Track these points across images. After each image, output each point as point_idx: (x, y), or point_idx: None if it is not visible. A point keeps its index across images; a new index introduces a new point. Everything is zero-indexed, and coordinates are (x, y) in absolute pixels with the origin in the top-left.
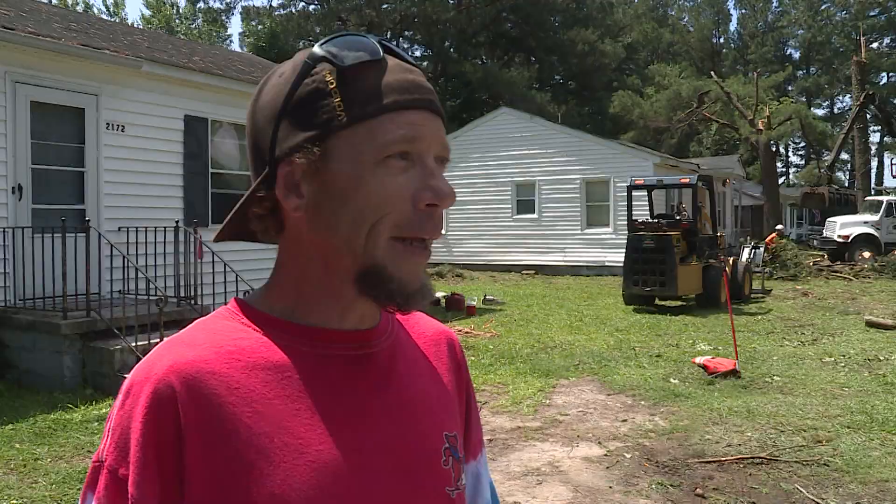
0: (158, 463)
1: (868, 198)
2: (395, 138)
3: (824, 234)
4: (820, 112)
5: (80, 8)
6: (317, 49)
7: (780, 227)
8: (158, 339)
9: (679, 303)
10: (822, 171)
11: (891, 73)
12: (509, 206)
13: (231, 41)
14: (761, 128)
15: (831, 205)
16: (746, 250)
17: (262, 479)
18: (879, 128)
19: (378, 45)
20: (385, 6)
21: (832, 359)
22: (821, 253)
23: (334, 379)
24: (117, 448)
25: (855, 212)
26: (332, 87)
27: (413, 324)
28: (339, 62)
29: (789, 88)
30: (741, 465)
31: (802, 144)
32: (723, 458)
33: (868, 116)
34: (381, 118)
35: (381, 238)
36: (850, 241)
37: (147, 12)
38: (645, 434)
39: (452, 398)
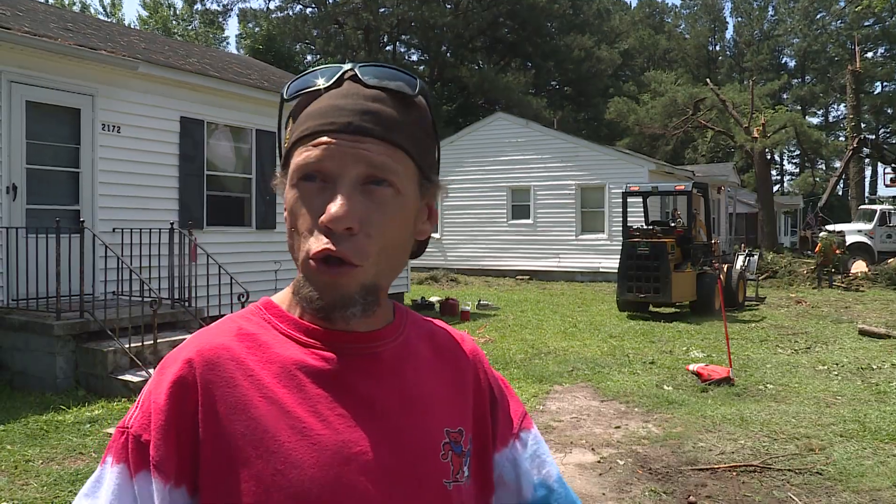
0: (177, 433)
1: (862, 206)
2: (296, 164)
3: None
4: (815, 120)
5: (76, 8)
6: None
7: (823, 233)
8: (152, 341)
9: (673, 310)
10: (808, 221)
11: (885, 83)
12: (504, 211)
13: (228, 43)
14: (756, 136)
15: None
16: (741, 258)
17: (267, 455)
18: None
19: (330, 75)
20: (382, 10)
21: (825, 367)
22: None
23: (339, 373)
24: (143, 417)
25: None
26: (290, 116)
27: (431, 330)
28: (284, 97)
29: (784, 97)
30: (734, 473)
31: (797, 153)
32: (716, 466)
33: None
34: (297, 145)
35: (301, 253)
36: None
37: (144, 13)
38: (638, 441)
39: (463, 398)
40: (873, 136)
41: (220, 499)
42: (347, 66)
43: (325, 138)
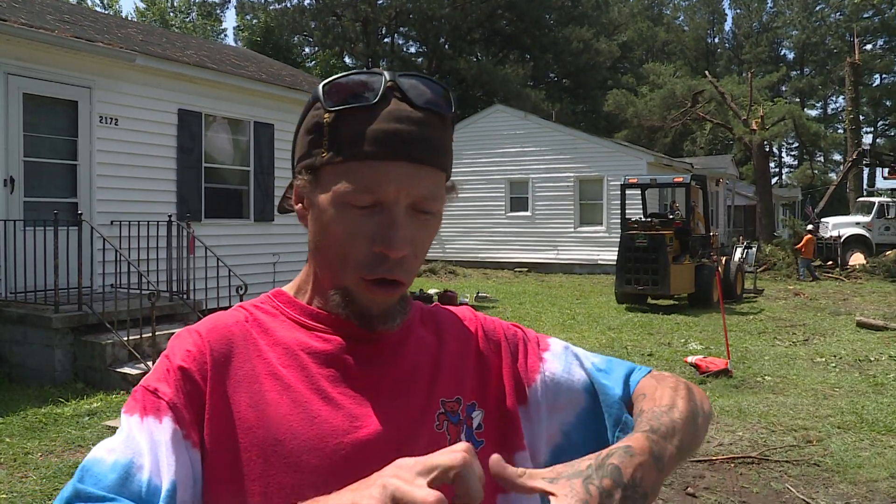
0: (189, 395)
1: (860, 199)
2: (351, 188)
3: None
4: (813, 113)
5: (73, 0)
6: (320, 86)
7: (811, 226)
8: (150, 334)
9: (671, 302)
10: (811, 219)
11: (884, 75)
12: (503, 203)
13: (226, 35)
14: (755, 128)
15: (819, 253)
16: (739, 250)
17: (268, 425)
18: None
19: (379, 89)
20: (380, 2)
21: (823, 359)
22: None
23: (341, 355)
24: (157, 375)
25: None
26: (326, 124)
27: (431, 312)
28: (325, 106)
29: (783, 89)
30: (732, 465)
31: (796, 145)
32: (714, 458)
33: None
34: (348, 164)
35: (347, 271)
36: (841, 241)
37: (141, 5)
38: None
39: (464, 367)
40: (870, 146)
41: (223, 467)
42: (388, 78)
43: (383, 166)
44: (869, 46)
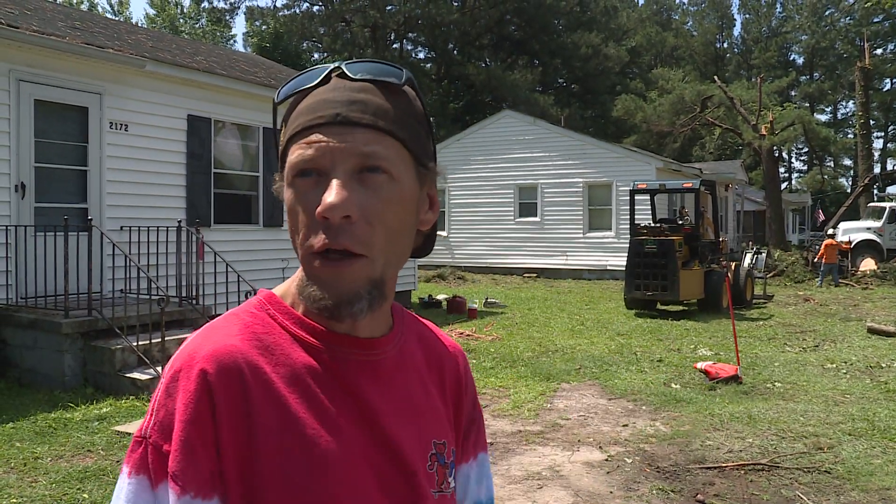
0: (200, 441)
1: (871, 204)
2: (291, 162)
3: None
4: (823, 118)
5: (84, 7)
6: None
7: (831, 230)
8: (160, 339)
9: (681, 307)
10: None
11: (894, 80)
12: (511, 209)
13: (235, 41)
14: (764, 133)
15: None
16: (748, 255)
17: (279, 459)
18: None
19: (318, 74)
20: (389, 7)
21: (834, 365)
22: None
23: (344, 379)
24: (161, 427)
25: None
26: (283, 118)
27: (425, 338)
28: (274, 99)
29: (793, 94)
30: (742, 472)
31: (805, 150)
32: (724, 465)
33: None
34: (290, 144)
35: (302, 251)
36: (852, 247)
37: (151, 12)
38: (646, 439)
39: (447, 407)
40: (880, 172)
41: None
42: (334, 65)
43: (315, 134)
44: (879, 51)
